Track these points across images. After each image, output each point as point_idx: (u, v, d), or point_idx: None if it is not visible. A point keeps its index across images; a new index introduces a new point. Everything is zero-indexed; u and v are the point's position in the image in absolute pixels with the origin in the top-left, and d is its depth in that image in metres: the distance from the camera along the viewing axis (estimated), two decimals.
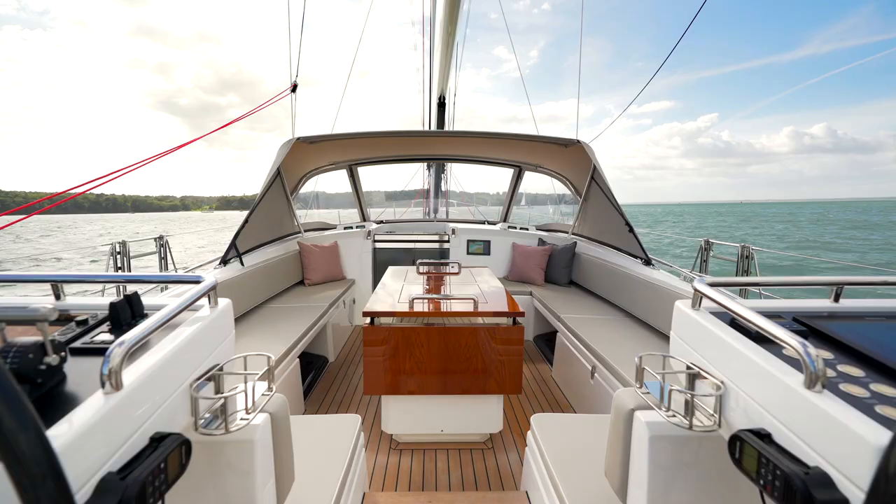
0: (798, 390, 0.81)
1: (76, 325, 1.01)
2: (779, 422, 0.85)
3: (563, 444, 1.74)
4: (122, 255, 3.81)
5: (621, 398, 1.22)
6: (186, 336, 0.99)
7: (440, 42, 6.21)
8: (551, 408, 3.07)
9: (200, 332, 1.05)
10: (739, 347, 1.00)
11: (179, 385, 0.94)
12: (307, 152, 4.59)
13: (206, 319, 1.09)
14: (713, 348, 1.11)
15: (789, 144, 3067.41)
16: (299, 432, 1.78)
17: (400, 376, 2.39)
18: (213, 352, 1.10)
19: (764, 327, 0.91)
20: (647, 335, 3.00)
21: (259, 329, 3.08)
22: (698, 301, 1.22)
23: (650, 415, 1.12)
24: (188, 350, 0.99)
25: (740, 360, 0.99)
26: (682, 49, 13.40)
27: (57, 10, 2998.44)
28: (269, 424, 1.13)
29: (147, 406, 0.83)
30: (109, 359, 0.74)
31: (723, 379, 1.04)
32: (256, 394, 1.09)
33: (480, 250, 5.16)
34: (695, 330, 1.19)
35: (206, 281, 1.11)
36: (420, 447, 2.55)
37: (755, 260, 3.77)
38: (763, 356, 0.95)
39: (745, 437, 0.87)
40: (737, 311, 1.00)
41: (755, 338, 1.02)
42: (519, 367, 2.40)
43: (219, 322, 1.15)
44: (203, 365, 1.05)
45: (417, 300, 2.51)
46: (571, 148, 4.26)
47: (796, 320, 1.13)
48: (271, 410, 1.14)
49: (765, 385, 0.90)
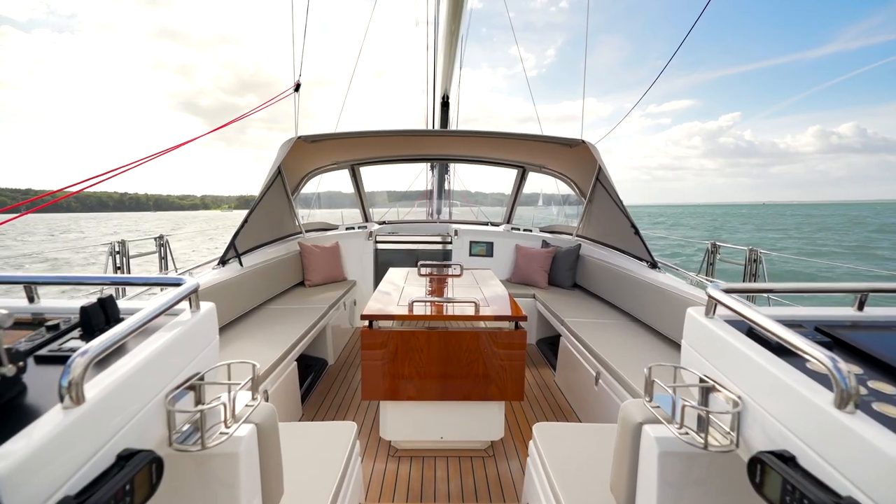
0: (827, 410, 0.74)
1: (46, 331, 0.95)
2: (805, 444, 0.78)
3: (567, 454, 1.67)
4: (122, 255, 3.76)
5: (629, 410, 1.15)
6: (163, 343, 0.92)
7: (443, 41, 6.15)
8: (554, 415, 2.99)
9: (179, 338, 0.98)
10: (759, 360, 0.92)
11: (153, 397, 0.87)
12: (309, 152, 4.54)
13: (185, 325, 1.02)
14: (729, 360, 1.03)
15: (815, 144, 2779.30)
16: (292, 441, 1.72)
17: (399, 381, 2.32)
18: (194, 360, 1.04)
19: (787, 339, 0.83)
20: (654, 341, 2.92)
21: (257, 331, 3.03)
22: (712, 309, 1.14)
23: (660, 429, 1.05)
24: (164, 358, 0.92)
25: (760, 374, 0.91)
26: (703, 47, 13.01)
27: (84, 13, 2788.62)
28: (255, 436, 1.06)
29: (115, 420, 0.76)
30: (70, 369, 0.68)
31: (740, 394, 0.96)
32: (239, 404, 1.03)
33: (483, 252, 5.09)
34: (709, 340, 1.11)
35: (188, 283, 1.05)
36: (419, 454, 2.48)
37: (764, 264, 3.68)
38: (785, 371, 0.87)
39: (768, 460, 0.79)
40: (756, 320, 0.93)
41: (775, 349, 0.95)
42: (521, 372, 2.33)
43: (200, 327, 1.08)
44: (182, 374, 0.98)
45: (417, 303, 2.44)
46: (576, 148, 4.18)
47: (819, 330, 1.05)
48: (257, 421, 1.07)
49: (788, 403, 0.83)
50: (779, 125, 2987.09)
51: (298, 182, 5.06)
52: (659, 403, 1.06)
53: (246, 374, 1.07)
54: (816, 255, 28.23)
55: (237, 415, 1.01)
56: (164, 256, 4.13)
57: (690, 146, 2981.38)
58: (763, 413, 0.89)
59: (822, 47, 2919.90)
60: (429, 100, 7.91)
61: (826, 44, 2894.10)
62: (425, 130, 4.46)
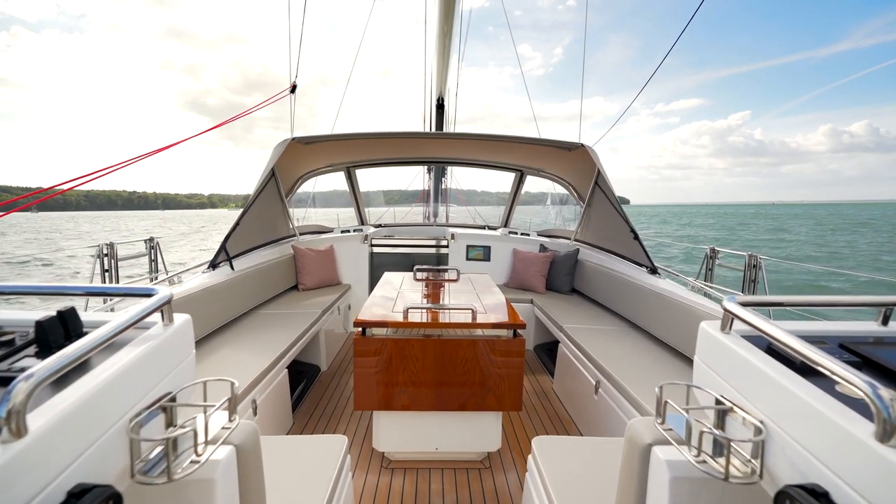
0: (867, 443, 0.66)
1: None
2: (840, 479, 0.70)
3: (568, 471, 1.59)
4: (110, 258, 3.64)
5: (637, 430, 1.07)
6: (128, 361, 0.83)
7: (436, 41, 6.06)
8: (553, 425, 2.91)
9: (149, 355, 0.89)
10: (785, 383, 0.84)
11: (115, 422, 0.78)
12: (304, 153, 4.45)
13: (156, 340, 0.93)
14: (750, 381, 0.95)
15: (827, 143, 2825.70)
16: (279, 456, 1.63)
17: (393, 391, 2.24)
18: (165, 378, 0.95)
19: (817, 361, 0.76)
20: (655, 349, 2.84)
21: (247, 337, 2.93)
22: (729, 323, 1.06)
23: (671, 451, 0.97)
24: (130, 378, 0.83)
25: (786, 397, 0.83)
26: (712, 46, 12.62)
27: (93, 13, 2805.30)
28: (234, 459, 0.97)
29: (66, 452, 0.67)
30: (10, 397, 0.59)
31: (763, 419, 0.88)
32: (215, 427, 0.94)
33: (480, 256, 5.02)
34: (726, 357, 1.03)
35: (159, 294, 0.96)
36: (413, 466, 2.39)
37: (763, 270, 3.62)
38: (814, 394, 0.79)
39: (798, 495, 0.71)
40: (779, 337, 0.85)
41: (799, 368, 0.87)
42: (519, 382, 2.25)
43: (173, 342, 0.99)
44: (150, 395, 0.89)
45: (413, 310, 2.36)
46: (575, 152, 4.12)
47: (844, 347, 0.98)
48: (237, 442, 0.99)
49: (820, 431, 0.75)
50: (789, 124, 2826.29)
51: (293, 184, 4.97)
52: (671, 425, 0.98)
53: (226, 392, 0.98)
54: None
55: (214, 437, 0.92)
56: (154, 259, 4.02)
57: (699, 145, 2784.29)
58: (790, 441, 0.81)
59: (834, 45, 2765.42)
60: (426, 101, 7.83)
61: (838, 41, 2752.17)
62: (421, 133, 4.39)
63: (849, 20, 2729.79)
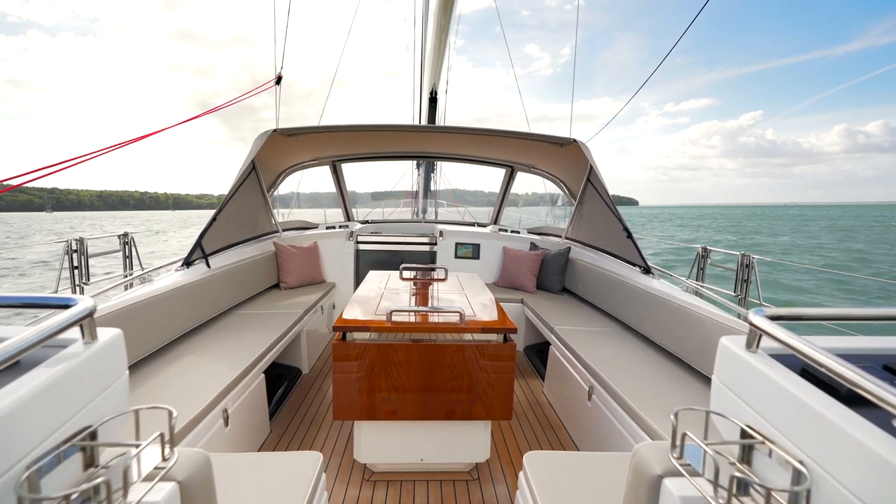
0: None
1: None
2: None
3: (562, 490, 1.47)
4: (80, 254, 3.42)
5: (644, 457, 0.95)
6: (28, 392, 0.67)
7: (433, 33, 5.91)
8: (544, 433, 2.79)
9: (60, 381, 0.73)
10: (830, 416, 0.71)
11: (5, 471, 0.63)
12: (287, 146, 4.26)
13: (72, 362, 0.77)
14: (786, 411, 0.81)
15: (841, 143, 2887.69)
16: (247, 477, 1.48)
17: (375, 399, 2.09)
18: (83, 410, 0.78)
19: (872, 391, 0.63)
20: (650, 352, 2.74)
21: (222, 339, 2.76)
22: (756, 340, 0.93)
23: (684, 485, 0.85)
24: (26, 413, 0.67)
25: (832, 433, 0.70)
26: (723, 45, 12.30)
27: (106, 16, 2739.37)
28: (178, 498, 0.83)
29: None
30: None
31: (803, 458, 0.75)
32: (151, 464, 0.79)
33: (469, 254, 4.89)
34: (753, 380, 0.90)
35: (80, 305, 0.80)
36: (396, 478, 2.26)
37: (756, 270, 3.55)
38: (870, 433, 0.66)
39: None
40: (819, 360, 0.72)
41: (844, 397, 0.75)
42: (509, 389, 2.13)
43: (96, 365, 0.83)
44: (58, 433, 0.73)
45: (397, 312, 2.21)
46: (567, 147, 4.00)
47: (889, 369, 0.86)
48: (180, 478, 0.84)
49: (880, 478, 0.63)
50: (802, 124, 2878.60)
51: (276, 178, 4.78)
52: (689, 460, 0.85)
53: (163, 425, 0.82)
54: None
55: (149, 475, 0.77)
56: (128, 255, 3.80)
57: (709, 146, 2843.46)
58: (839, 488, 0.68)
59: (848, 44, 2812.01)
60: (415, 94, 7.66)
61: (853, 40, 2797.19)
62: (409, 126, 4.23)
63: (864, 18, 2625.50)
